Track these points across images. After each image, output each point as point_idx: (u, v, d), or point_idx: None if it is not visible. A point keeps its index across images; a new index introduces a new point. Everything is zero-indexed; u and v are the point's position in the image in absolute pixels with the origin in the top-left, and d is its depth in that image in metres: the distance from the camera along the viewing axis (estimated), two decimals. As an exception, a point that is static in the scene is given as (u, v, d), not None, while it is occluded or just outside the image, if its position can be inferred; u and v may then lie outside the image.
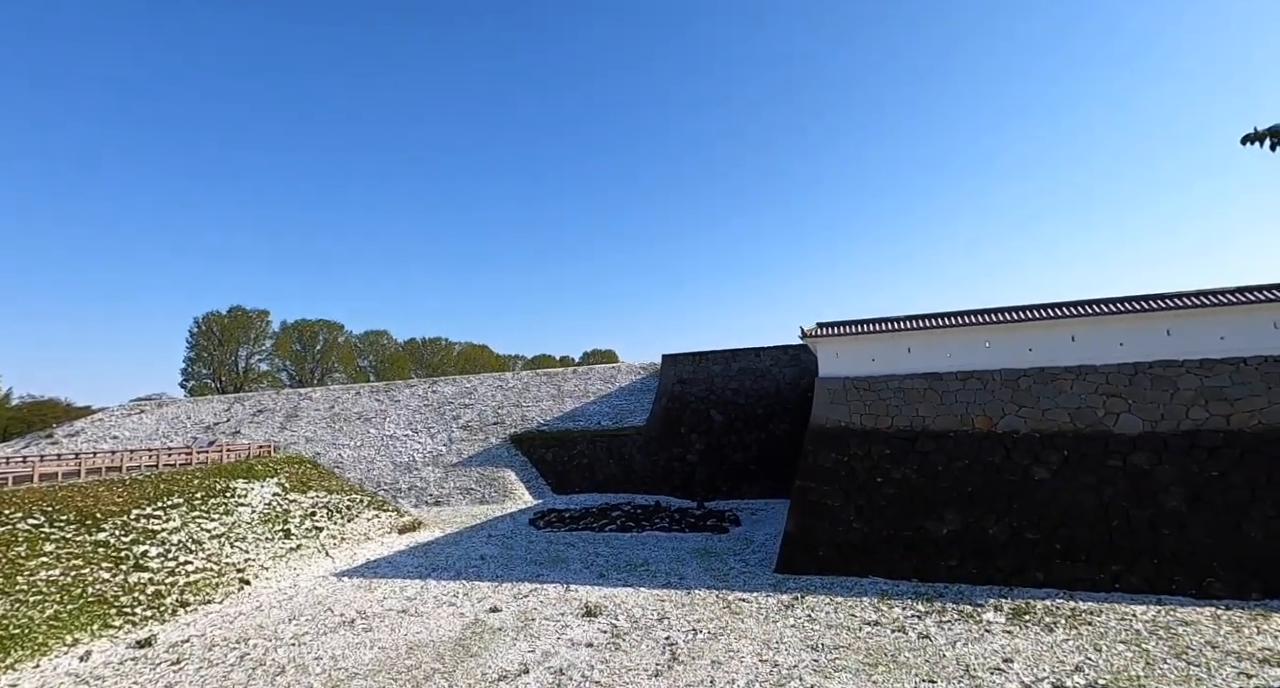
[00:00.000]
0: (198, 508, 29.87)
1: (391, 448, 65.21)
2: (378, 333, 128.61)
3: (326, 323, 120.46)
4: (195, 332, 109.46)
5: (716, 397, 56.01)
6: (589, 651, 19.48)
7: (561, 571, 29.48)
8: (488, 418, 65.32)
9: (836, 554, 27.27)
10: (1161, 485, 24.58)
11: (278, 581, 28.74)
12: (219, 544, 28.58)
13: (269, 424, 75.33)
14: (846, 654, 18.25)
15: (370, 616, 23.92)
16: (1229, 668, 16.47)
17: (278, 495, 34.12)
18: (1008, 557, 25.20)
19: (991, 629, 19.77)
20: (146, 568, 25.21)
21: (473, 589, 26.95)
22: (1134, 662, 17.07)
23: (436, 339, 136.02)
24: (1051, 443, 26.59)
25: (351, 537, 34.69)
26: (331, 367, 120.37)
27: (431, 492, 56.76)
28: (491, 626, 22.19)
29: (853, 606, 22.53)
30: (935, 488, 27.30)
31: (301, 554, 31.11)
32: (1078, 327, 27.31)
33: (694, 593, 24.94)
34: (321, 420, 74.22)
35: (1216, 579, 22.59)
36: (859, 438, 29.37)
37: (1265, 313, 25.27)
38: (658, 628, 21.19)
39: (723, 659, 18.30)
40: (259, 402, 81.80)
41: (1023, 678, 16.37)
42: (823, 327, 31.68)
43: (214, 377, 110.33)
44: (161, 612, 23.75)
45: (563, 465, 57.66)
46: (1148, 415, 25.79)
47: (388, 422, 70.16)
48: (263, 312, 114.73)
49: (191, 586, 25.70)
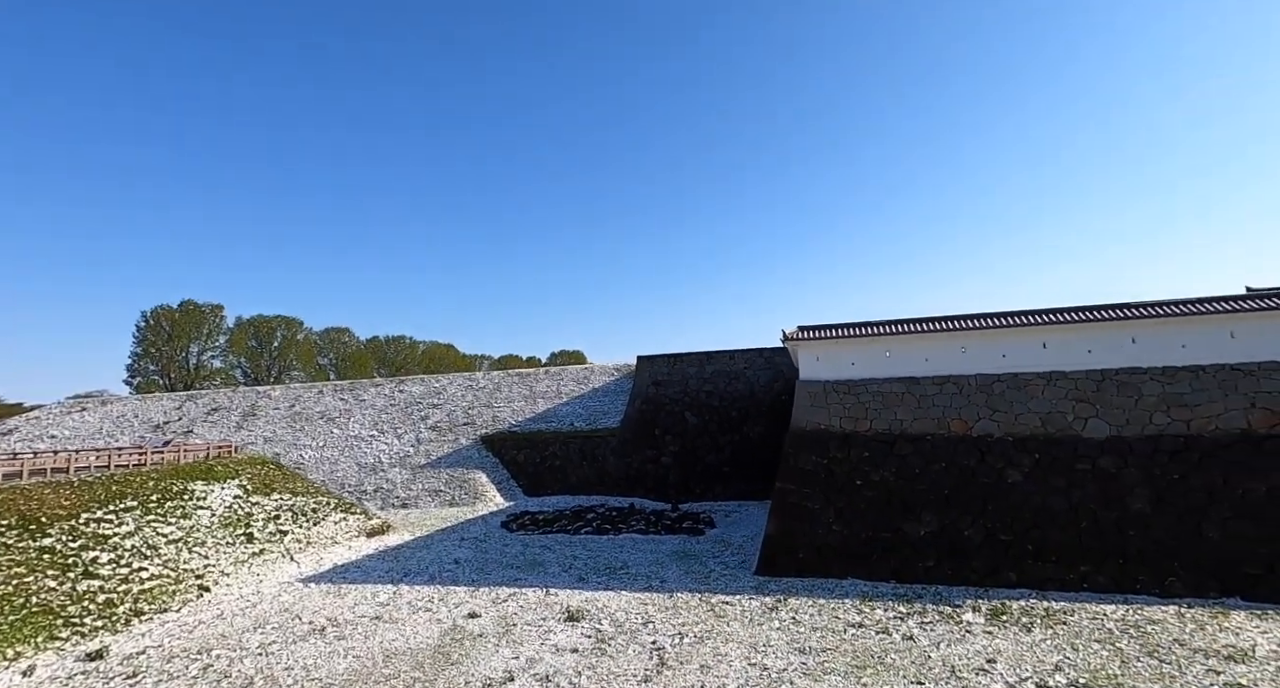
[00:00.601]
0: (153, 511, 28.29)
1: (356, 449, 63.34)
2: (339, 330, 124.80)
3: (285, 319, 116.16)
4: (143, 326, 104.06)
5: (691, 399, 56.04)
6: (574, 656, 19.08)
7: (539, 574, 28.93)
8: (457, 418, 64.02)
9: (816, 556, 27.43)
10: (1127, 488, 25.44)
11: (240, 587, 27.44)
12: (176, 550, 27.12)
13: (224, 424, 72.39)
14: (834, 657, 18.29)
15: (342, 623, 23.00)
16: (1198, 665, 17.05)
17: (239, 498, 32.60)
18: (982, 558, 25.73)
19: (972, 630, 20.09)
20: (97, 575, 23.73)
21: (448, 594, 26.20)
22: (1110, 660, 17.54)
23: (400, 337, 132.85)
24: (1024, 447, 27.29)
25: (318, 541, 33.40)
26: (289, 364, 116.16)
27: (399, 494, 55.30)
28: (471, 632, 21.57)
29: (835, 608, 22.65)
30: (913, 490, 27.72)
31: (265, 559, 29.78)
32: (1049, 334, 28.12)
33: (676, 596, 24.74)
34: (281, 420, 71.67)
35: (1177, 579, 23.47)
36: (839, 441, 29.65)
37: (1222, 323, 26.43)
38: (642, 632, 20.91)
39: (711, 663, 18.13)
40: (213, 400, 78.48)
41: (1006, 679, 16.64)
42: (804, 330, 31.91)
43: (162, 374, 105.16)
44: (114, 622, 22.37)
45: (535, 467, 56.88)
46: (1114, 420, 26.68)
47: (352, 422, 68.13)
48: (216, 306, 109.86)
49: (146, 593, 24.29)
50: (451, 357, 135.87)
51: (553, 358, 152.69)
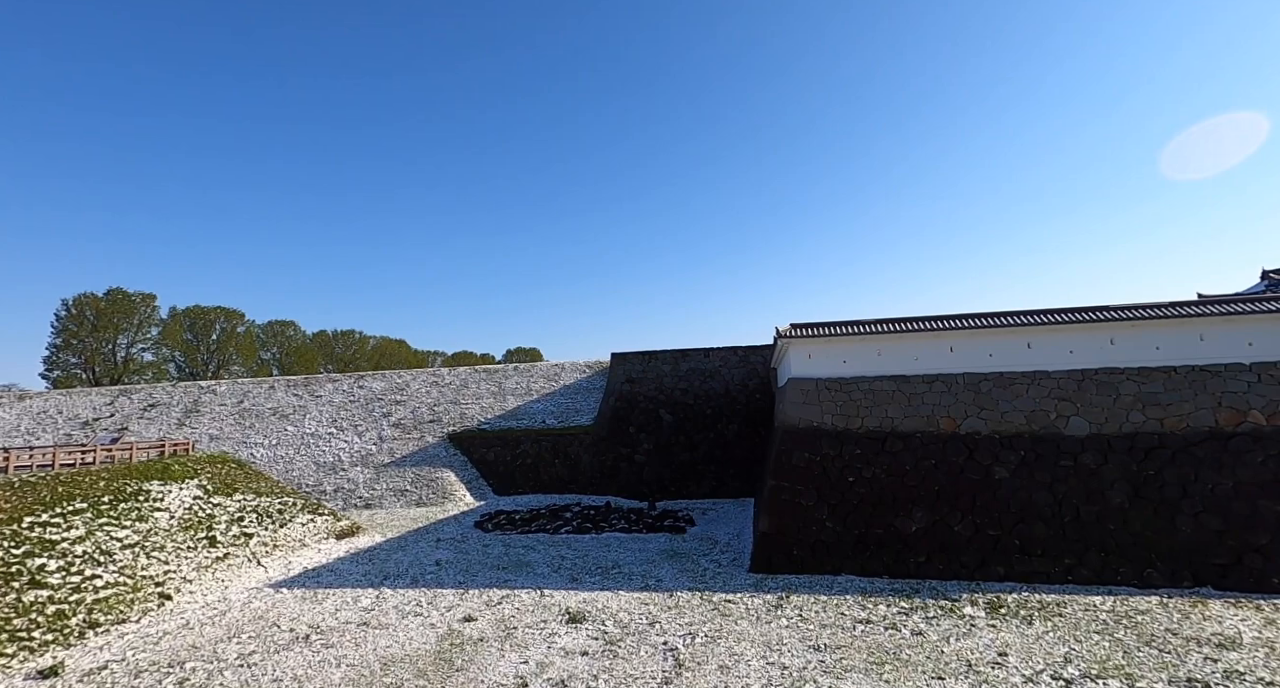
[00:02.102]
0: (105, 514, 25.96)
1: (313, 447, 60.45)
2: (283, 323, 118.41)
3: (225, 310, 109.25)
4: (63, 315, 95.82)
5: (666, 396, 55.73)
6: (586, 660, 18.38)
7: (528, 575, 28.00)
8: (422, 416, 61.89)
9: (811, 553, 27.47)
10: (1107, 483, 26.39)
11: (204, 594, 25.52)
12: (133, 555, 24.96)
13: (163, 420, 67.98)
14: (850, 654, 18.19)
15: (326, 630, 21.60)
16: (1194, 654, 17.69)
17: (199, 499, 30.33)
18: (972, 553, 26.26)
19: (976, 624, 20.37)
20: (45, 584, 21.54)
21: (436, 597, 25.01)
22: (1113, 651, 18.01)
23: (350, 332, 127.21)
24: (1010, 444, 28.01)
25: (285, 544, 31.45)
26: (229, 359, 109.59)
27: (361, 494, 53.02)
28: (470, 636, 20.56)
29: (838, 604, 22.64)
30: (904, 487, 28.08)
31: (230, 564, 27.81)
32: (1033, 334, 28.97)
33: (676, 596, 24.29)
34: (228, 417, 67.81)
35: (1154, 570, 24.47)
36: (831, 438, 29.80)
37: (1193, 327, 27.77)
38: (651, 633, 20.37)
39: (729, 664, 17.76)
40: (150, 395, 73.44)
41: (1022, 671, 16.86)
42: (796, 328, 31.97)
43: (86, 367, 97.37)
44: (66, 635, 20.35)
45: (505, 466, 55.48)
46: (1094, 418, 27.67)
47: (308, 419, 65.00)
48: (148, 295, 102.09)
49: (102, 603, 22.23)
50: (404, 352, 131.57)
51: (509, 355, 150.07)
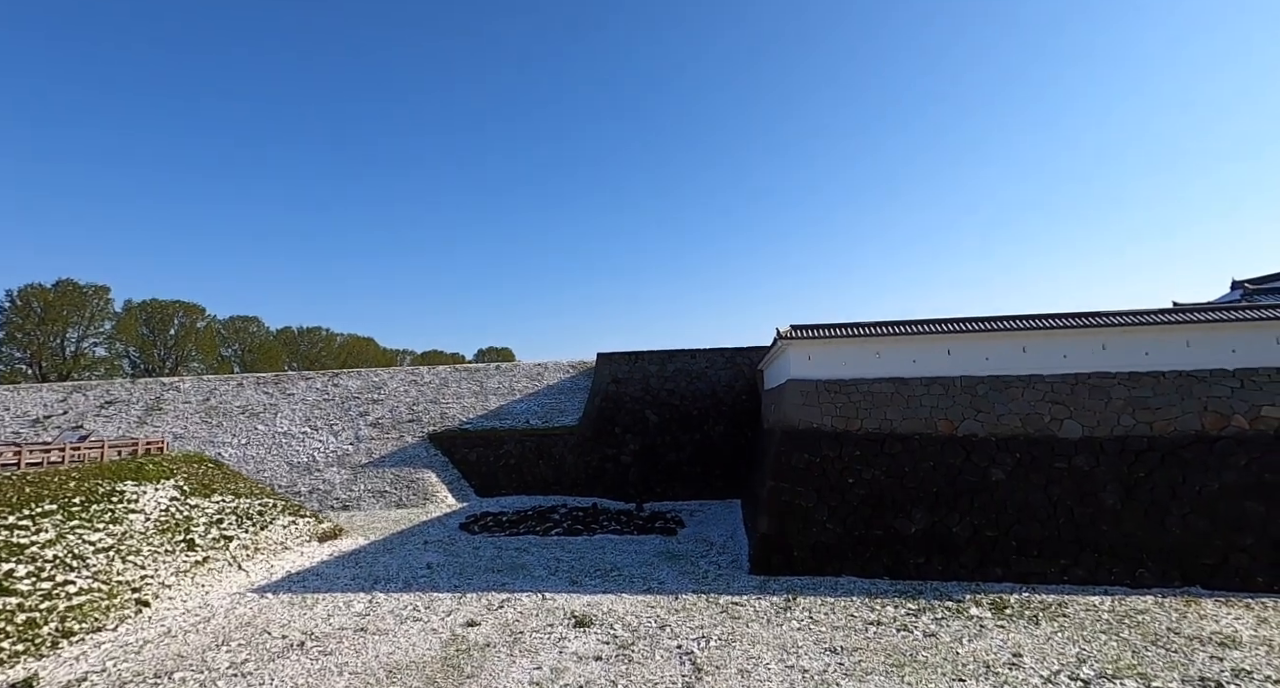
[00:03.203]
0: (77, 516, 24.42)
1: (286, 447, 58.46)
2: (246, 319, 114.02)
3: (183, 304, 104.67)
4: (7, 307, 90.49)
5: (652, 397, 55.40)
6: (600, 665, 17.89)
7: (526, 578, 27.32)
8: (401, 415, 60.38)
9: (811, 555, 27.42)
10: (1100, 485, 26.95)
11: (184, 600, 24.22)
12: (107, 560, 23.52)
13: (122, 419, 64.98)
14: (867, 656, 18.08)
15: (321, 637, 20.65)
16: (1200, 653, 18.04)
17: (176, 500, 28.81)
18: (970, 554, 26.53)
19: (985, 625, 20.49)
20: (14, 591, 20.09)
21: (433, 602, 24.19)
22: (1122, 651, 18.27)
23: (315, 329, 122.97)
24: (1006, 446, 28.42)
25: (266, 547, 30.12)
26: (188, 355, 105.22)
27: (338, 495, 51.41)
28: (475, 642, 19.87)
29: (846, 606, 22.58)
30: (903, 488, 28.25)
31: (210, 568, 26.47)
32: (1028, 339, 29.47)
33: (682, 598, 23.94)
34: (194, 415, 65.20)
35: (1146, 570, 25.05)
36: (830, 439, 29.84)
37: (1180, 333, 28.58)
38: (662, 637, 19.97)
39: (748, 668, 17.48)
40: (107, 392, 70.08)
41: (1039, 672, 16.95)
42: (797, 329, 31.97)
43: (31, 362, 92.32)
44: (38, 645, 19.02)
45: (488, 466, 54.46)
46: (1086, 421, 28.25)
47: (280, 418, 62.89)
48: (101, 288, 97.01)
49: (75, 611, 20.85)
50: (372, 351, 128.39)
51: (480, 355, 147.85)
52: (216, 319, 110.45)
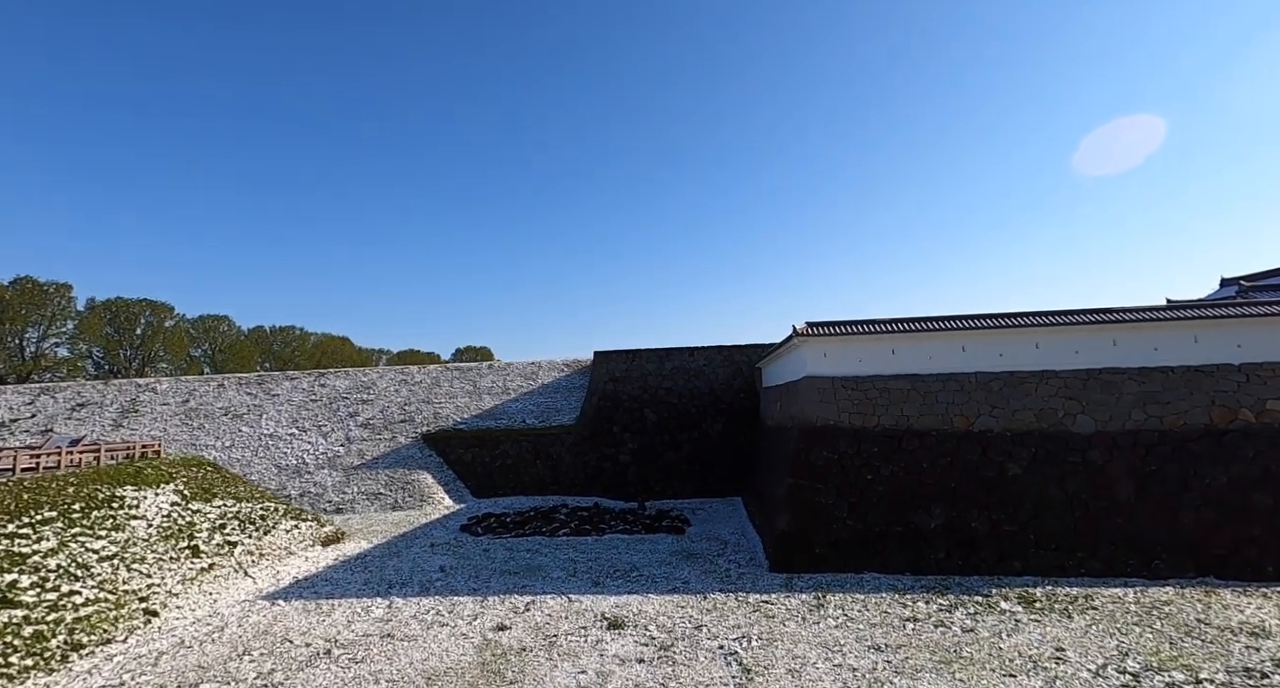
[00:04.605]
0: (78, 524, 23.19)
1: (273, 449, 56.81)
2: (216, 318, 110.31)
3: (150, 302, 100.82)
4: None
5: (650, 396, 55.05)
6: (645, 668, 17.51)
7: (545, 580, 26.78)
8: (393, 416, 59.10)
9: (832, 551, 27.36)
10: (1113, 479, 27.34)
11: (192, 609, 23.19)
12: (112, 568, 22.38)
13: (95, 421, 62.54)
14: (912, 653, 17.99)
15: (346, 644, 19.90)
16: (1235, 643, 18.31)
17: (177, 505, 27.60)
18: (989, 548, 26.72)
19: (1020, 619, 20.58)
20: (19, 603, 18.96)
21: (455, 606, 23.53)
22: (1160, 643, 18.45)
23: (289, 328, 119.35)
24: (1021, 441, 28.69)
25: (271, 552, 29.05)
26: (156, 355, 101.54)
27: (330, 498, 50.08)
28: (510, 646, 19.33)
29: (877, 602, 22.52)
30: (921, 484, 28.35)
31: (216, 575, 25.41)
32: (1041, 335, 29.81)
33: (710, 597, 23.65)
34: (173, 417, 63.05)
35: (1161, 561, 25.46)
36: (848, 436, 29.83)
37: (1187, 329, 29.15)
38: (700, 637, 19.66)
39: (796, 668, 17.26)
40: (78, 394, 67.33)
41: (1086, 666, 17.02)
42: (812, 326, 31.89)
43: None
44: (47, 659, 17.98)
45: (484, 467, 53.55)
46: (1099, 416, 28.66)
47: (265, 419, 61.11)
48: (63, 285, 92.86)
49: (83, 622, 19.77)
50: (347, 350, 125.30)
51: (458, 354, 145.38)
52: (185, 318, 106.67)
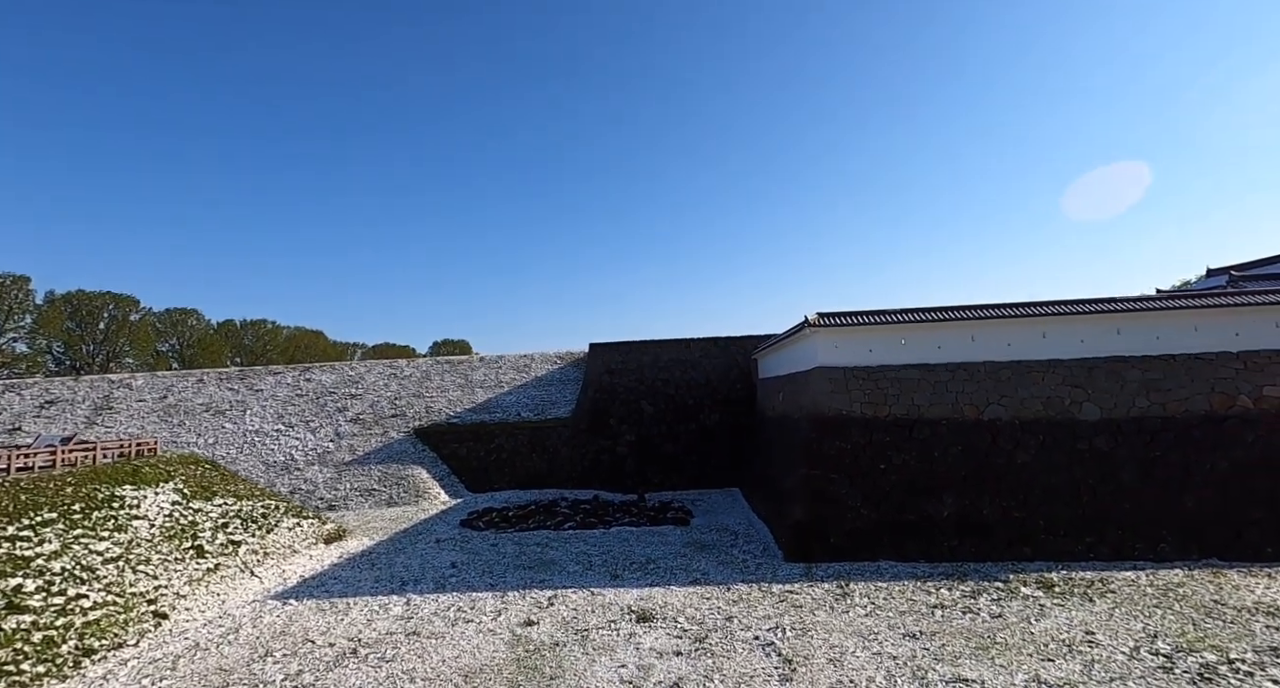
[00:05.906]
0: (80, 525, 22.16)
1: (260, 446, 55.38)
2: (184, 311, 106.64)
3: (114, 296, 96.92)
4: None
5: (647, 387, 54.85)
6: (684, 660, 17.35)
7: (562, 574, 26.47)
8: (383, 410, 58.00)
9: (847, 540, 27.51)
10: (1119, 465, 27.93)
11: (201, 610, 22.40)
12: (118, 570, 21.46)
13: (66, 419, 60.28)
14: (948, 640, 18.12)
15: (372, 642, 19.39)
16: (1256, 623, 18.77)
17: (178, 504, 26.59)
18: (1001, 535, 27.12)
19: (1044, 604, 20.88)
20: (26, 608, 18.07)
21: (475, 602, 23.11)
22: (1184, 625, 18.84)
23: (260, 321, 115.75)
24: (1029, 429, 29.13)
25: (275, 551, 28.22)
26: (120, 350, 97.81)
27: (322, 495, 49.00)
28: (542, 641, 19.01)
29: (902, 590, 22.68)
30: (933, 473, 28.64)
31: (222, 576, 24.58)
32: (1048, 325, 30.24)
33: (734, 588, 23.60)
34: (150, 414, 61.06)
35: (1166, 544, 26.11)
36: (860, 426, 29.97)
37: (1188, 318, 29.83)
38: (733, 628, 19.58)
39: (836, 657, 17.26)
40: (46, 390, 64.74)
41: (1119, 649, 17.30)
42: (824, 317, 31.92)
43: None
44: (59, 665, 17.18)
45: (479, 461, 52.90)
46: (1104, 404, 29.21)
47: (249, 415, 59.52)
48: (20, 277, 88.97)
49: (92, 626, 18.93)
50: (321, 344, 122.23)
51: (435, 348, 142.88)
52: (152, 311, 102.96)
